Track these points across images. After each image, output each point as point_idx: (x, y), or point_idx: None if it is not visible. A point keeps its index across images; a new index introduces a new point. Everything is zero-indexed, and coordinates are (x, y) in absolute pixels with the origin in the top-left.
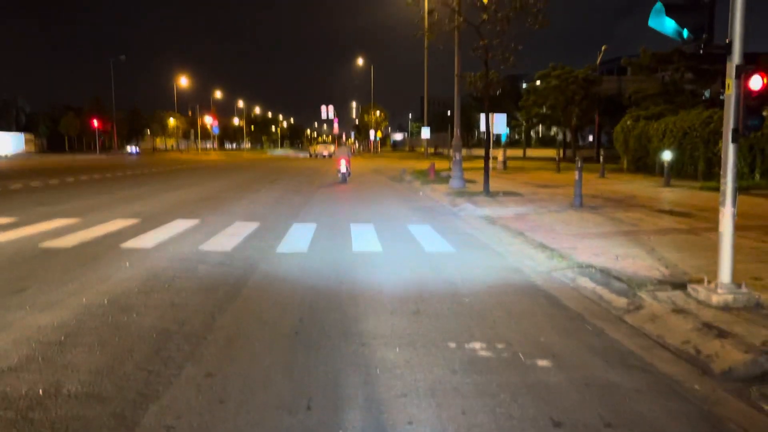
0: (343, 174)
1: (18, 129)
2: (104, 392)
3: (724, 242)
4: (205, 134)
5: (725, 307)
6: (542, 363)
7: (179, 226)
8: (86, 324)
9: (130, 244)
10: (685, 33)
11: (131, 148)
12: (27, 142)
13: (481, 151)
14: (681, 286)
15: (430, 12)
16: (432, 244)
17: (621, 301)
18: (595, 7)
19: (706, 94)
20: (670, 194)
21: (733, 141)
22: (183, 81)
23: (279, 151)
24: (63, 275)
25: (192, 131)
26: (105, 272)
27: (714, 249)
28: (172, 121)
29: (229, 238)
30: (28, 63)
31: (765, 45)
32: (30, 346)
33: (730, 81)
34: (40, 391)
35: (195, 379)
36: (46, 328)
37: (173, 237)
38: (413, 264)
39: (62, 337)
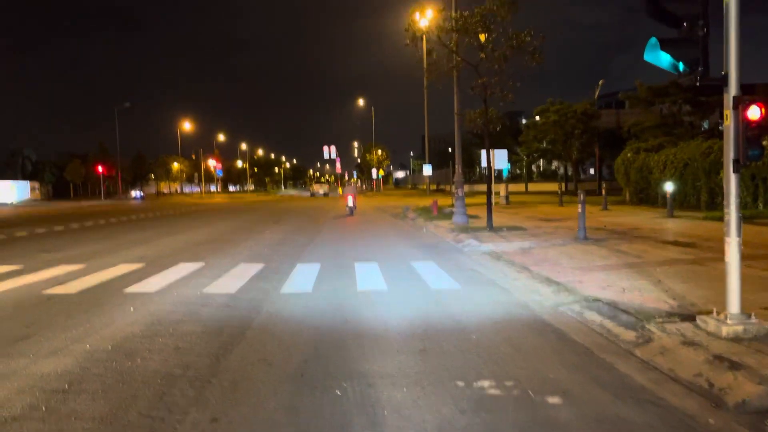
0: (351, 207)
1: (24, 177)
2: None
3: (731, 272)
4: (209, 177)
5: (736, 338)
6: (552, 400)
7: (183, 269)
8: (90, 371)
9: (134, 288)
10: (681, 66)
11: (135, 193)
12: (32, 189)
13: (483, 187)
14: (690, 317)
15: (429, 52)
16: (437, 281)
17: (629, 335)
18: (590, 44)
19: (705, 125)
20: (674, 225)
21: (734, 171)
22: (186, 125)
23: (286, 191)
24: (66, 321)
25: (196, 175)
26: (109, 318)
27: (721, 279)
28: (176, 166)
29: (233, 280)
30: (34, 113)
31: (763, 75)
32: (33, 395)
33: (728, 112)
34: None
35: (200, 424)
36: (50, 375)
37: (177, 280)
38: (418, 302)
39: (66, 385)
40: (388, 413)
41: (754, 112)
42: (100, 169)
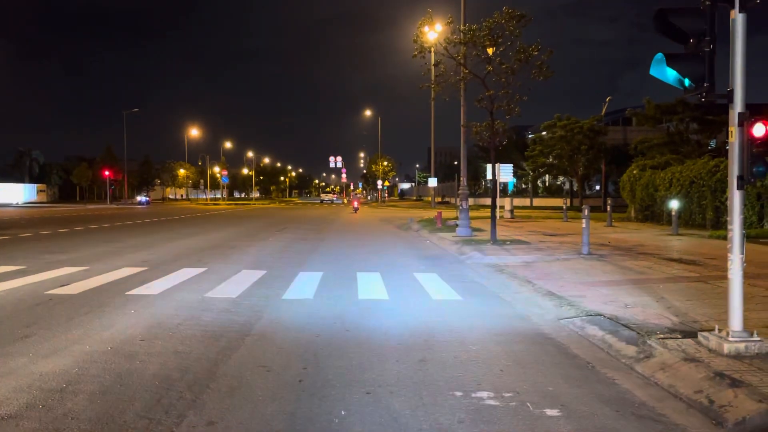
0: (355, 208)
1: (31, 179)
2: None
3: (734, 288)
4: (215, 184)
5: (737, 356)
6: (551, 412)
7: (186, 273)
8: (88, 371)
9: (136, 291)
10: (687, 82)
11: (141, 198)
12: (39, 192)
13: (487, 201)
14: (692, 334)
15: (436, 64)
16: (439, 292)
17: (631, 350)
18: (599, 60)
19: (712, 143)
20: (679, 243)
21: (738, 188)
22: (193, 132)
23: (304, 199)
24: (67, 322)
25: (201, 181)
26: (110, 319)
27: (724, 297)
28: (182, 172)
29: (235, 285)
30: (44, 116)
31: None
32: (31, 394)
33: (733, 129)
34: None
35: (196, 428)
36: (48, 375)
37: (179, 285)
38: (420, 312)
39: (64, 385)
40: (386, 421)
41: (759, 129)
42: (106, 173)
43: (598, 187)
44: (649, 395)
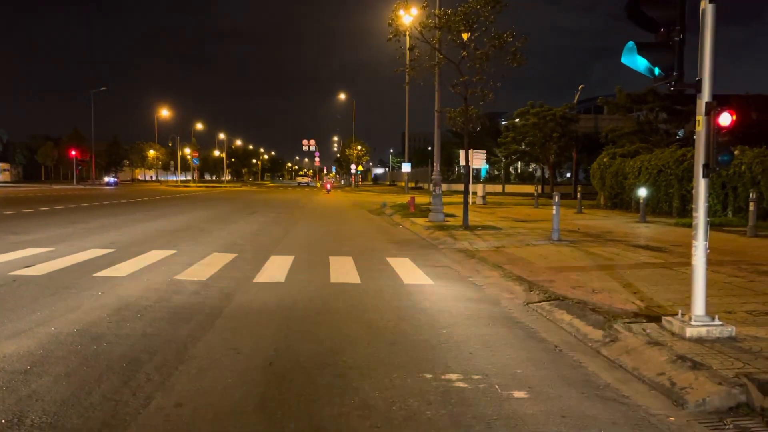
0: (328, 190)
1: None
2: (69, 423)
3: (697, 275)
4: (185, 166)
5: (699, 340)
6: (518, 394)
7: (155, 255)
8: (54, 353)
9: (104, 273)
10: (657, 71)
11: (109, 179)
12: (2, 171)
13: (460, 187)
14: (656, 318)
15: (411, 48)
16: (410, 277)
17: (597, 334)
18: (572, 49)
19: (680, 133)
20: (646, 230)
21: (704, 176)
22: (164, 113)
23: (280, 182)
24: (32, 304)
25: (172, 163)
26: (76, 301)
27: (687, 283)
28: (152, 153)
29: (205, 268)
30: (7, 93)
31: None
32: None
33: (701, 118)
34: (2, 421)
35: (164, 409)
36: (11, 356)
37: (148, 266)
38: (391, 296)
39: (28, 366)
40: (356, 403)
41: (725, 119)
42: (73, 152)
43: (569, 175)
44: (614, 377)
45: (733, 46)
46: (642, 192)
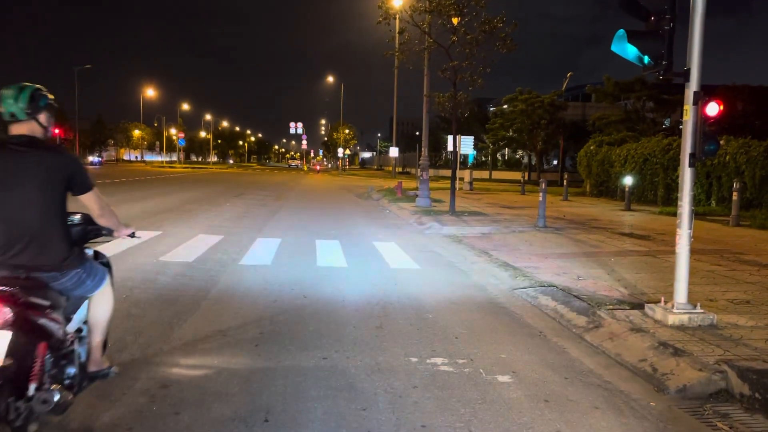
0: (318, 170)
1: None
2: None
3: (680, 263)
4: (171, 147)
5: (681, 327)
6: (503, 379)
7: (140, 236)
8: None
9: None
10: (646, 59)
11: (93, 158)
12: None
13: (447, 172)
14: (639, 306)
15: (401, 32)
16: (397, 261)
17: (581, 320)
18: (562, 36)
19: (666, 122)
20: (631, 218)
21: (690, 165)
22: (149, 92)
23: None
24: None
25: (157, 143)
26: None
27: (671, 271)
28: (137, 133)
29: (191, 249)
30: None
31: (725, 78)
32: None
33: (688, 107)
34: None
35: (149, 390)
36: None
37: (133, 247)
38: (378, 280)
39: None
40: (342, 386)
41: (712, 109)
42: (56, 131)
43: (555, 162)
44: (596, 363)
45: (721, 38)
46: (628, 180)
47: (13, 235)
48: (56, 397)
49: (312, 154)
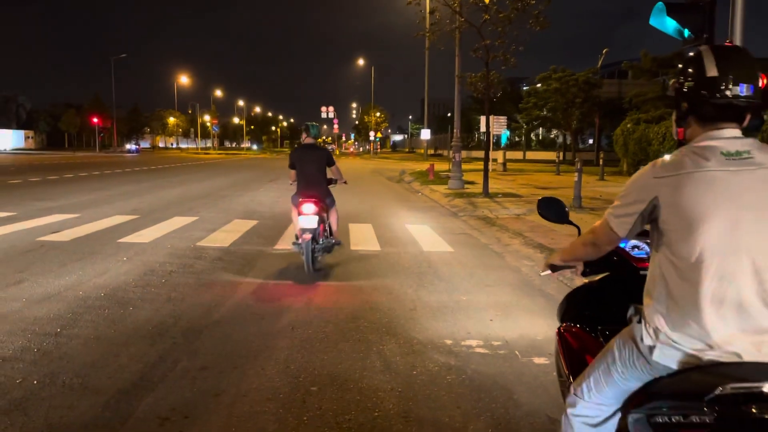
0: (351, 152)
1: (18, 125)
2: (99, 384)
3: None
4: (205, 133)
5: None
6: (539, 361)
7: (177, 222)
8: (82, 317)
9: (128, 239)
10: (686, 32)
11: (131, 146)
12: (27, 138)
13: (480, 153)
14: None
15: (431, 12)
16: (430, 244)
17: None
18: (596, 12)
19: None
20: None
21: None
22: (183, 80)
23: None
24: (60, 268)
25: (192, 130)
26: (102, 266)
27: None
28: (172, 120)
29: (227, 234)
30: (30, 61)
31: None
32: (25, 337)
33: None
34: (35, 381)
35: (190, 372)
36: (42, 319)
37: (171, 233)
38: (411, 263)
39: (58, 329)
40: (378, 367)
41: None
42: (95, 120)
43: (591, 141)
44: None
45: (766, 8)
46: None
47: (310, 182)
48: (325, 246)
49: (344, 138)
